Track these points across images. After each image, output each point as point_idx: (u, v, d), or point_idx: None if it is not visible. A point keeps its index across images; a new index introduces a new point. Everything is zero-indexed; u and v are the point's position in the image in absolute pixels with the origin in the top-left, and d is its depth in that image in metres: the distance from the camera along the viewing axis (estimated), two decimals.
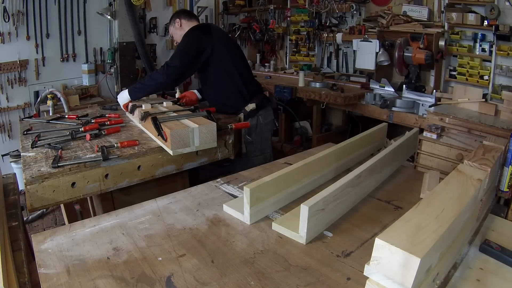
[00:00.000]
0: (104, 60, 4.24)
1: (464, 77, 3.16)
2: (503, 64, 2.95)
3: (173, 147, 1.59)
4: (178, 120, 1.75)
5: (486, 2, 2.91)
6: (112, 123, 2.01)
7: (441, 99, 3.11)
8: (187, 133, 1.62)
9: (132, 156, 1.63)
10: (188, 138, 1.63)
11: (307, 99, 3.59)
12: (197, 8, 4.93)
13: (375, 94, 3.37)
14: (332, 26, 4.27)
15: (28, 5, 3.60)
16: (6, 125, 3.72)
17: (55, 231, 1.10)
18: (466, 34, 3.16)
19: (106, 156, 1.55)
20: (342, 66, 4.33)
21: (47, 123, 2.12)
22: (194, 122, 1.69)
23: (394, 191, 1.39)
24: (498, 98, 2.92)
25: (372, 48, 3.65)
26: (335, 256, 1.01)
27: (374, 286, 0.67)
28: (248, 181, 1.48)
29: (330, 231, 1.12)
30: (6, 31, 3.50)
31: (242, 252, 1.02)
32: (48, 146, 1.69)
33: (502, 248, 0.99)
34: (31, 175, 1.40)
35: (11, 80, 3.63)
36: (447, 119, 2.79)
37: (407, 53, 3.19)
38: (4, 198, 1.41)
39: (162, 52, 4.74)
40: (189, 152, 1.67)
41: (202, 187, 1.44)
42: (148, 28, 4.52)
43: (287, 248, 1.04)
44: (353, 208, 1.27)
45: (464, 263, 0.97)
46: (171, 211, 1.24)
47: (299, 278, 0.91)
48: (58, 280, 0.87)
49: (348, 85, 3.73)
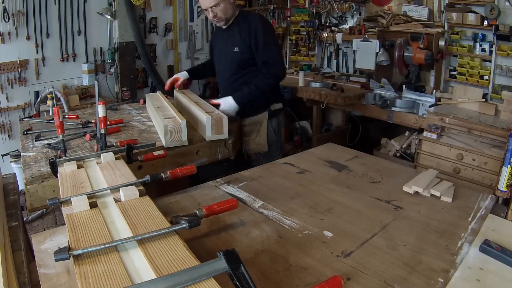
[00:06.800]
0: (104, 60, 4.24)
1: (464, 77, 3.16)
2: (503, 64, 2.95)
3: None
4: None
5: (486, 2, 2.91)
6: (112, 123, 2.01)
7: (441, 99, 3.12)
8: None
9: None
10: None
11: (307, 99, 3.59)
12: (197, 8, 4.93)
13: (375, 94, 3.37)
14: (332, 26, 4.27)
15: (28, 5, 3.60)
16: (6, 125, 3.72)
17: (55, 231, 1.10)
18: (466, 34, 3.16)
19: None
20: (342, 66, 4.34)
21: (47, 123, 2.12)
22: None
23: (394, 191, 1.39)
24: (498, 98, 2.92)
25: (372, 48, 3.65)
26: (335, 256, 1.01)
27: None
28: (248, 181, 1.48)
29: (330, 231, 1.13)
30: (6, 31, 3.51)
31: (242, 252, 1.01)
32: (48, 146, 1.69)
33: (502, 248, 0.99)
34: (31, 175, 1.40)
35: (11, 80, 3.63)
36: (447, 119, 2.79)
37: (407, 53, 3.20)
38: (4, 198, 1.41)
39: (162, 52, 4.75)
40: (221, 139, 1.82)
41: (202, 187, 1.43)
42: (148, 28, 4.52)
43: (287, 248, 1.04)
44: (353, 208, 1.27)
45: (464, 263, 0.97)
46: (171, 211, 1.24)
47: (299, 278, 0.91)
48: (58, 280, 0.87)
49: (348, 85, 3.74)
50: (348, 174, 1.56)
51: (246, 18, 2.11)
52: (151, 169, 1.68)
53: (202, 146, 1.82)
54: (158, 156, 1.47)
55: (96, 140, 1.55)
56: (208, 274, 0.71)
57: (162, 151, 1.49)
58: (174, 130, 1.68)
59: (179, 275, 0.70)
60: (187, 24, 4.91)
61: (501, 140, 2.55)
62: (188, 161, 1.80)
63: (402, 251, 1.03)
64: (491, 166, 2.53)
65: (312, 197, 1.35)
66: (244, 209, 1.25)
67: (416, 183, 1.39)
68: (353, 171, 1.58)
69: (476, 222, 1.18)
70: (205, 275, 0.70)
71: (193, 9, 4.94)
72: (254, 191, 1.38)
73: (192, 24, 4.98)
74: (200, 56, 5.17)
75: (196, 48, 5.10)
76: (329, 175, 1.54)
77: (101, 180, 1.17)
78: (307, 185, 1.44)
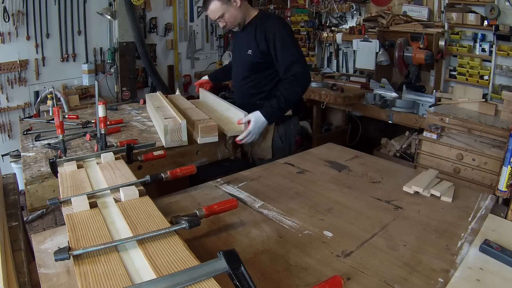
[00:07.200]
0: (104, 60, 4.24)
1: (464, 77, 3.16)
2: (503, 64, 2.95)
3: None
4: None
5: (486, 2, 2.91)
6: (112, 123, 2.01)
7: (441, 99, 3.12)
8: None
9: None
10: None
11: (307, 99, 3.59)
12: (197, 8, 4.94)
13: (375, 94, 3.37)
14: (332, 26, 4.27)
15: (28, 5, 3.60)
16: (6, 125, 3.72)
17: (55, 231, 1.10)
18: (466, 34, 3.16)
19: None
20: (342, 66, 4.34)
21: (47, 123, 2.12)
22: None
23: (394, 191, 1.39)
24: (498, 98, 2.93)
25: (372, 48, 3.66)
26: (335, 256, 1.01)
27: None
28: (248, 181, 1.48)
29: (330, 231, 1.13)
30: (6, 31, 3.51)
31: (242, 252, 1.01)
32: (48, 146, 1.69)
33: (502, 248, 0.99)
34: (31, 175, 1.40)
35: (11, 80, 3.63)
36: (447, 119, 2.79)
37: (407, 53, 3.20)
38: (4, 198, 1.41)
39: (162, 52, 4.75)
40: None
41: (202, 187, 1.43)
42: (148, 28, 4.52)
43: (287, 248, 1.04)
44: (353, 208, 1.27)
45: (464, 263, 0.97)
46: (171, 211, 1.24)
47: (299, 278, 0.91)
48: (58, 280, 0.87)
49: (348, 85, 3.74)
50: (348, 174, 1.56)
51: (264, 21, 1.99)
52: (151, 169, 1.68)
53: (202, 146, 1.82)
54: (158, 156, 1.47)
55: (96, 140, 1.55)
56: (208, 274, 0.71)
57: (162, 151, 1.49)
58: (174, 130, 1.68)
59: (179, 275, 0.70)
60: (187, 24, 4.91)
61: (501, 140, 2.55)
62: (188, 161, 1.80)
63: (402, 251, 1.03)
64: (491, 166, 2.53)
65: (312, 197, 1.35)
66: (244, 209, 1.25)
67: (416, 183, 1.39)
68: (353, 171, 1.58)
69: (476, 222, 1.18)
70: (205, 275, 0.70)
71: (193, 9, 4.94)
72: (254, 191, 1.38)
73: (192, 24, 4.98)
74: (200, 56, 5.17)
75: (196, 48, 5.10)
76: (329, 175, 1.54)
77: (101, 180, 1.17)
78: (307, 185, 1.44)
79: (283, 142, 2.09)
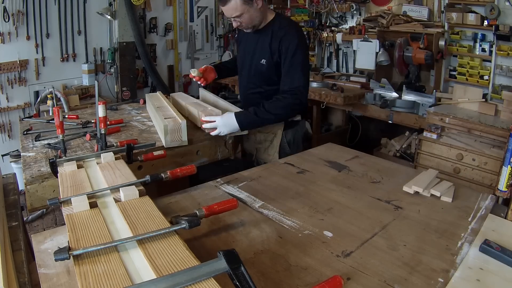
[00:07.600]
0: (104, 60, 4.24)
1: (464, 77, 3.16)
2: (503, 64, 2.95)
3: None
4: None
5: (486, 2, 2.91)
6: (112, 123, 2.01)
7: (441, 99, 3.12)
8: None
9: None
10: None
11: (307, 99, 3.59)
12: (197, 8, 4.94)
13: (375, 94, 3.37)
14: (332, 26, 4.28)
15: (28, 5, 3.60)
16: (6, 125, 3.72)
17: (55, 231, 1.10)
18: (466, 34, 3.17)
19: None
20: (342, 66, 4.34)
21: (47, 123, 2.12)
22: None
23: (394, 191, 1.39)
24: (498, 98, 2.93)
25: (372, 48, 3.66)
26: (335, 256, 1.01)
27: None
28: (248, 181, 1.48)
29: (330, 231, 1.13)
30: (6, 31, 3.51)
31: (242, 252, 1.01)
32: (48, 146, 1.69)
33: (502, 248, 0.99)
34: (31, 175, 1.40)
35: (11, 80, 3.63)
36: (447, 119, 2.79)
37: (407, 53, 3.20)
38: (4, 198, 1.41)
39: (162, 52, 4.75)
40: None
41: (202, 187, 1.43)
42: (148, 28, 4.52)
43: (287, 248, 1.04)
44: (353, 208, 1.27)
45: (464, 263, 0.97)
46: (171, 211, 1.24)
47: (299, 278, 0.91)
48: (58, 280, 0.87)
49: (348, 85, 3.74)
50: (348, 174, 1.56)
51: (282, 27, 1.87)
52: (151, 169, 1.68)
53: (202, 146, 1.82)
54: (158, 156, 1.47)
55: (96, 140, 1.55)
56: (208, 274, 0.70)
57: (162, 151, 1.49)
58: (174, 130, 1.68)
59: (179, 275, 0.70)
60: (187, 24, 4.92)
61: (501, 140, 2.55)
62: (188, 161, 1.80)
63: (402, 251, 1.03)
64: (491, 166, 2.53)
65: (312, 197, 1.34)
66: (244, 209, 1.25)
67: (416, 183, 1.38)
68: (353, 171, 1.58)
69: (476, 222, 1.18)
70: (205, 275, 0.70)
71: (193, 9, 4.94)
72: (254, 191, 1.38)
73: (192, 24, 4.98)
74: (200, 56, 5.17)
75: (196, 48, 5.10)
76: (329, 175, 1.54)
77: (101, 180, 1.17)
78: (307, 185, 1.44)
79: (291, 147, 2.03)
